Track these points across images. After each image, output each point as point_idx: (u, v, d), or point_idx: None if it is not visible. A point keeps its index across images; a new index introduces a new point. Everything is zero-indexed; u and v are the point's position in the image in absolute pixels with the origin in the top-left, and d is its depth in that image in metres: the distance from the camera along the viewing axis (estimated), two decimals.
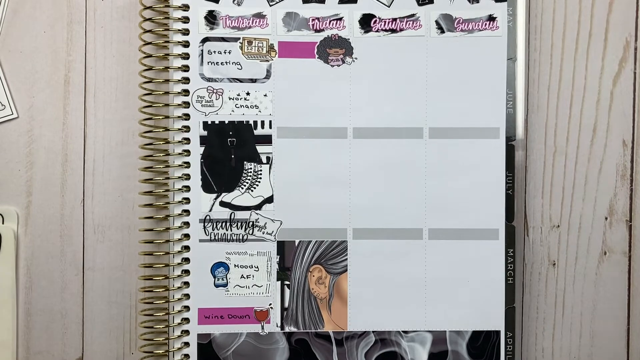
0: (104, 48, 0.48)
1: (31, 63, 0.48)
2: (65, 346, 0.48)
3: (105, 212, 0.48)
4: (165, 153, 0.46)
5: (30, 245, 0.48)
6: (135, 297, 0.48)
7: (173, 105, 0.46)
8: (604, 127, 0.48)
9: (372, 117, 0.46)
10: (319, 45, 0.46)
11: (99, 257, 0.48)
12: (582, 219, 0.48)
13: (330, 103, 0.46)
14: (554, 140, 0.48)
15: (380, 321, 0.46)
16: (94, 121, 0.48)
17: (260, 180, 0.47)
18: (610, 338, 0.48)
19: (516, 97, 0.47)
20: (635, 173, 0.48)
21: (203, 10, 0.46)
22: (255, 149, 0.47)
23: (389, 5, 0.46)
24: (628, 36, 0.48)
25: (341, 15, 0.46)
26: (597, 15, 0.48)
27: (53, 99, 0.48)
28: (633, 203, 0.48)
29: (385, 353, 0.46)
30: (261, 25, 0.46)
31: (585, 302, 0.48)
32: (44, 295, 0.48)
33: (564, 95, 0.48)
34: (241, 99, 0.46)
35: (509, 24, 0.47)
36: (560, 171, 0.48)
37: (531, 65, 0.48)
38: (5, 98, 0.48)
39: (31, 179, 0.48)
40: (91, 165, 0.48)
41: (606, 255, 0.48)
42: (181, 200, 0.46)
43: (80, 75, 0.48)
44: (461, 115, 0.47)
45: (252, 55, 0.46)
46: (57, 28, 0.48)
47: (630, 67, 0.48)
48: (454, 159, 0.46)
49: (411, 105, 0.46)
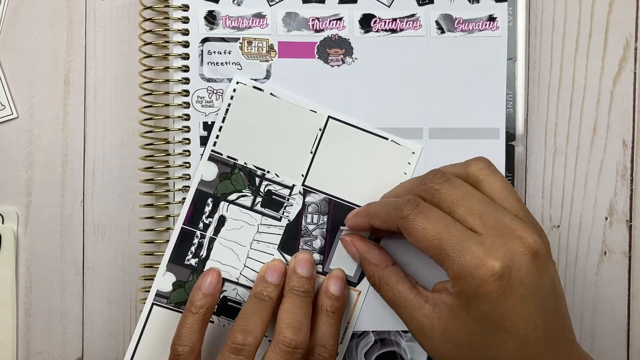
0: (104, 48, 0.48)
1: (31, 63, 0.48)
2: (65, 346, 0.48)
3: (105, 212, 0.48)
4: (165, 153, 0.46)
5: (30, 245, 0.48)
6: (135, 297, 0.48)
7: (173, 106, 0.46)
8: (604, 127, 0.48)
9: (372, 117, 0.46)
10: (319, 45, 0.46)
11: (99, 257, 0.48)
12: (582, 219, 0.48)
13: (330, 103, 0.46)
14: (554, 140, 0.48)
15: (380, 321, 0.46)
16: (94, 121, 0.48)
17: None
18: (610, 338, 0.48)
19: (516, 97, 0.47)
20: (635, 173, 0.48)
21: (203, 10, 0.46)
22: None
23: (389, 6, 0.46)
24: (628, 36, 0.48)
25: (341, 15, 0.46)
26: (597, 15, 0.48)
27: (53, 99, 0.48)
28: (633, 203, 0.48)
29: (385, 353, 0.46)
30: (261, 26, 0.46)
31: (585, 302, 0.48)
32: (44, 295, 0.48)
33: (564, 95, 0.48)
34: None
35: (509, 24, 0.47)
36: (560, 171, 0.48)
37: (531, 65, 0.48)
38: (5, 98, 0.48)
39: (31, 179, 0.48)
40: (91, 165, 0.48)
41: (606, 255, 0.48)
42: (181, 200, 0.46)
43: (80, 75, 0.48)
44: (461, 116, 0.47)
45: (252, 56, 0.46)
46: (57, 28, 0.48)
47: (630, 67, 0.48)
48: (454, 159, 0.46)
49: (411, 105, 0.46)
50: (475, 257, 0.36)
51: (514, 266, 0.36)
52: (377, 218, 0.42)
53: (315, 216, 0.46)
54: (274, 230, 0.46)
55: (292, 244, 0.46)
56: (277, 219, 0.46)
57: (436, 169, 0.42)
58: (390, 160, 0.46)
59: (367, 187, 0.46)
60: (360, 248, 0.44)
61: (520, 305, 0.37)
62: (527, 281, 0.37)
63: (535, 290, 0.37)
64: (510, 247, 0.37)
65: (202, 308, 0.42)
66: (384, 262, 0.43)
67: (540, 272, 0.37)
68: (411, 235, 0.39)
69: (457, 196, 0.39)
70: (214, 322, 0.45)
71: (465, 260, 0.37)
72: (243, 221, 0.46)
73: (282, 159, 0.46)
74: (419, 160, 0.46)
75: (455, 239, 0.37)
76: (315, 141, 0.46)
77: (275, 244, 0.46)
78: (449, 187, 0.40)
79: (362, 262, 0.44)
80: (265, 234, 0.46)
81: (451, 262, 0.37)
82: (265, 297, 0.43)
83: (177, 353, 0.41)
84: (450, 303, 0.38)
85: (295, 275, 0.44)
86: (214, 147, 0.46)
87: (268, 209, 0.46)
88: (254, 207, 0.46)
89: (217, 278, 0.44)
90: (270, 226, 0.46)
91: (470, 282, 0.36)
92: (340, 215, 0.46)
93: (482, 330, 0.37)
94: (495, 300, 0.36)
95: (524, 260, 0.37)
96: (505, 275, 0.36)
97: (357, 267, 0.46)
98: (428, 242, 0.38)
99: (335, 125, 0.46)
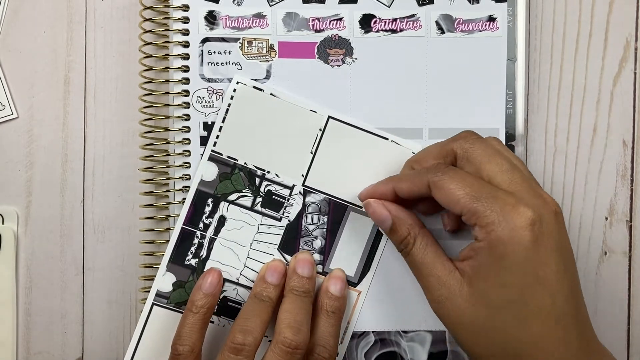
0: (104, 48, 0.48)
1: (31, 63, 0.48)
2: (65, 346, 0.48)
3: (105, 212, 0.48)
4: (165, 153, 0.46)
5: (30, 245, 0.48)
6: (136, 297, 0.48)
7: (173, 106, 0.46)
8: (604, 127, 0.48)
9: (372, 117, 0.46)
10: (319, 45, 0.46)
11: (99, 257, 0.48)
12: (582, 219, 0.48)
13: (330, 103, 0.46)
14: (554, 140, 0.48)
15: (380, 321, 0.46)
16: (94, 121, 0.48)
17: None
18: (610, 338, 0.48)
19: (516, 97, 0.47)
20: (635, 173, 0.48)
21: (203, 10, 0.46)
22: None
23: (389, 6, 0.46)
24: (628, 36, 0.48)
25: (341, 16, 0.46)
26: (597, 15, 0.48)
27: (53, 99, 0.48)
28: (633, 203, 0.48)
29: (385, 353, 0.46)
30: (261, 26, 0.46)
31: (585, 302, 0.48)
32: (44, 295, 0.48)
33: (564, 95, 0.48)
34: None
35: (509, 24, 0.47)
36: (560, 171, 0.48)
37: (531, 65, 0.48)
38: (5, 98, 0.48)
39: (31, 179, 0.48)
40: (91, 165, 0.48)
41: (606, 255, 0.48)
42: (181, 200, 0.46)
43: (80, 75, 0.48)
44: (461, 116, 0.47)
45: (252, 56, 0.46)
46: (57, 28, 0.48)
47: (630, 67, 0.48)
48: None
49: (411, 105, 0.47)
50: (508, 204, 0.37)
51: (543, 219, 0.37)
52: (406, 182, 0.42)
53: (316, 216, 0.46)
54: (274, 231, 0.46)
55: (292, 244, 0.46)
56: (277, 219, 0.46)
57: (468, 130, 0.43)
58: (390, 160, 0.46)
59: (367, 187, 0.46)
60: (393, 209, 0.43)
61: (552, 256, 0.37)
62: (555, 235, 0.37)
63: (562, 247, 0.38)
64: (537, 202, 0.38)
65: (203, 308, 0.42)
66: (418, 222, 0.43)
67: (563, 231, 0.38)
68: (444, 194, 0.39)
69: (489, 153, 0.40)
70: (214, 322, 0.45)
71: (498, 207, 0.37)
72: (243, 221, 0.46)
73: (282, 159, 0.46)
74: None
75: (487, 191, 0.38)
76: (316, 141, 0.46)
77: (276, 244, 0.46)
78: (481, 145, 0.41)
79: (396, 223, 0.42)
80: (266, 234, 0.46)
81: (485, 210, 0.37)
82: (265, 298, 0.43)
83: (178, 352, 0.41)
84: (482, 261, 0.38)
85: (295, 275, 0.44)
86: (214, 147, 0.46)
87: (268, 209, 0.46)
88: (254, 207, 0.46)
89: (217, 278, 0.44)
90: (270, 226, 0.46)
91: (504, 227, 0.37)
92: (340, 215, 0.46)
93: (516, 280, 0.37)
94: (529, 247, 0.36)
95: (550, 216, 0.38)
96: (537, 223, 0.37)
97: (357, 267, 0.46)
98: (461, 198, 0.38)
99: (336, 126, 0.46)
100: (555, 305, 0.37)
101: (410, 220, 0.42)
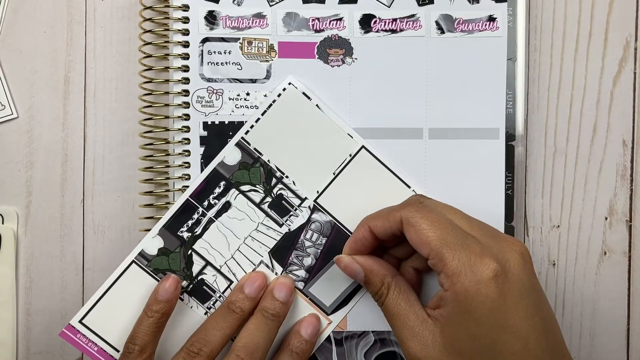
0: (104, 48, 0.48)
1: (31, 63, 0.48)
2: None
3: (105, 212, 0.48)
4: (165, 153, 0.46)
5: (30, 245, 0.48)
6: None
7: (173, 106, 0.46)
8: (604, 127, 0.48)
9: (372, 117, 0.46)
10: (319, 45, 0.46)
11: (99, 257, 0.48)
12: (582, 219, 0.48)
13: (330, 103, 0.46)
14: (554, 140, 0.48)
15: (380, 321, 0.46)
16: (94, 121, 0.48)
17: None
18: (610, 338, 0.48)
19: (516, 97, 0.47)
20: (635, 173, 0.48)
21: (203, 10, 0.46)
22: None
23: (389, 6, 0.46)
24: (628, 36, 0.48)
25: (341, 16, 0.46)
26: (597, 15, 0.48)
27: (53, 99, 0.48)
28: (633, 203, 0.48)
29: (384, 353, 0.47)
30: (261, 26, 0.46)
31: (585, 302, 0.48)
32: (44, 295, 0.48)
33: (564, 95, 0.48)
34: (241, 100, 0.46)
35: (509, 24, 0.47)
36: (560, 171, 0.48)
37: (531, 65, 0.48)
38: (5, 98, 0.48)
39: (31, 179, 0.48)
40: (91, 165, 0.48)
41: (606, 255, 0.48)
42: None
43: (80, 75, 0.48)
44: (461, 116, 0.47)
45: (252, 56, 0.46)
46: (57, 28, 0.48)
47: (630, 67, 0.48)
48: (454, 159, 0.46)
49: (411, 105, 0.46)
50: (474, 253, 0.37)
51: (508, 264, 0.37)
52: (380, 219, 0.42)
53: (316, 234, 0.46)
54: (271, 234, 0.46)
55: (283, 253, 0.46)
56: (279, 224, 0.46)
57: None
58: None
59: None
60: (364, 262, 0.43)
61: (520, 302, 0.37)
62: (522, 279, 0.38)
63: (530, 289, 0.38)
64: (502, 247, 0.38)
65: (157, 313, 0.43)
66: (392, 271, 0.43)
67: (531, 273, 0.39)
68: (415, 232, 0.39)
69: (442, 206, 0.41)
70: (184, 300, 0.45)
71: (465, 256, 0.37)
72: (246, 214, 0.46)
73: (304, 170, 0.46)
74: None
75: (457, 236, 0.38)
76: (342, 164, 0.46)
77: (268, 247, 0.46)
78: (431, 201, 0.42)
79: (368, 275, 0.42)
80: (263, 234, 0.46)
81: (452, 258, 0.37)
82: (237, 309, 0.43)
83: (129, 351, 0.42)
84: (450, 311, 0.38)
85: (270, 296, 0.44)
86: (245, 135, 0.46)
87: (274, 212, 0.46)
88: (261, 205, 0.46)
89: (174, 285, 0.44)
90: (269, 228, 0.46)
91: (470, 279, 0.37)
92: (339, 243, 0.45)
93: (485, 332, 0.37)
94: (496, 297, 0.37)
95: (516, 260, 0.38)
96: (500, 275, 0.37)
97: (336, 297, 0.46)
98: (430, 241, 0.38)
99: (365, 157, 0.46)
100: (527, 349, 0.37)
101: (383, 270, 0.42)
